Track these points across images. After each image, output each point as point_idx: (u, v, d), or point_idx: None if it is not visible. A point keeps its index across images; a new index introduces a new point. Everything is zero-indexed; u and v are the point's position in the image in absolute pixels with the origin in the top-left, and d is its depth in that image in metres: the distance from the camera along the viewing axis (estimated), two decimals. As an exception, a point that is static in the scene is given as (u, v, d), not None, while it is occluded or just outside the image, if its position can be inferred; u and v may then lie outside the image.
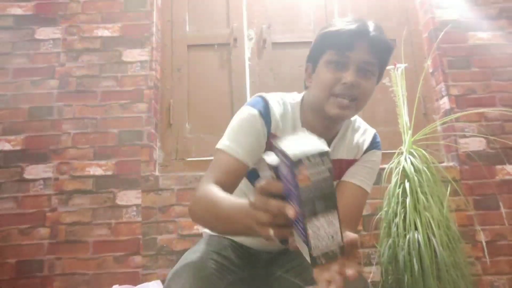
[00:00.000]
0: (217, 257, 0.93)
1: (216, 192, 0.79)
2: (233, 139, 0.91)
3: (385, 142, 2.00)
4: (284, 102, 0.97)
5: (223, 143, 0.91)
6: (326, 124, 0.95)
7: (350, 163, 1.01)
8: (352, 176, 0.99)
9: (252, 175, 0.99)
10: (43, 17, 2.06)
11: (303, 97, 1.00)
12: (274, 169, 0.53)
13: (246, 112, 0.93)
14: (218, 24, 2.22)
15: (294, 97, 1.00)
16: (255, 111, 0.92)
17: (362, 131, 1.03)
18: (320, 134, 0.95)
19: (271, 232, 0.51)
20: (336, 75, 0.87)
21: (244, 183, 1.01)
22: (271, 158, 0.53)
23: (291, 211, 0.49)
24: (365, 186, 0.99)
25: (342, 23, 0.88)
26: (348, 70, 0.86)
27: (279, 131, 0.95)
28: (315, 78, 0.92)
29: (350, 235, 0.57)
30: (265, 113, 0.93)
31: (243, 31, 2.21)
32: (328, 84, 0.87)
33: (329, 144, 0.98)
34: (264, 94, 0.98)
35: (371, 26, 0.87)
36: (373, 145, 1.03)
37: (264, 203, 0.52)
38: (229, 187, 0.85)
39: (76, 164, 1.88)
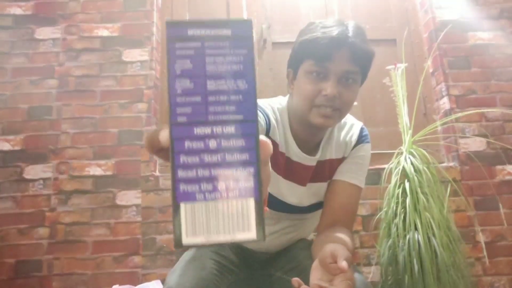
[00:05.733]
0: (216, 257, 0.93)
1: None
2: None
3: (385, 142, 2.01)
4: (273, 108, 0.96)
5: None
6: (311, 132, 0.94)
7: (340, 161, 1.00)
8: (343, 174, 0.98)
9: None
10: (42, 17, 2.06)
11: (287, 102, 0.99)
12: None
13: None
14: (218, 24, 2.22)
15: (281, 102, 0.99)
16: None
17: (349, 127, 1.02)
18: (308, 139, 0.96)
19: None
20: (316, 86, 0.85)
21: None
22: None
23: None
24: (357, 182, 0.97)
25: (321, 30, 0.85)
26: (329, 81, 0.84)
27: (275, 137, 0.93)
28: (296, 85, 0.90)
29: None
30: (264, 118, 0.91)
31: (243, 31, 2.20)
32: (309, 95, 0.86)
33: (317, 146, 0.98)
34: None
35: (351, 31, 0.84)
36: (360, 139, 1.01)
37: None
38: None
39: (75, 164, 1.88)
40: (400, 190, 1.55)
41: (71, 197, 1.84)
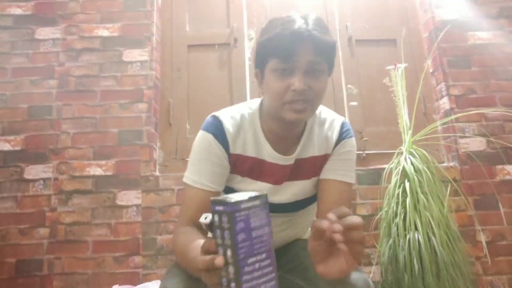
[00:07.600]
0: None
1: (186, 238, 0.80)
2: (194, 170, 0.92)
3: (385, 142, 2.01)
4: (241, 114, 0.95)
5: (187, 176, 0.93)
6: (287, 128, 0.93)
7: (323, 158, 0.98)
8: (330, 173, 0.97)
9: (229, 191, 0.98)
10: (42, 17, 2.06)
11: (261, 102, 0.98)
12: (209, 226, 0.57)
13: (201, 138, 0.94)
14: (218, 24, 2.22)
15: (251, 106, 0.98)
16: (209, 135, 0.92)
17: (329, 123, 1.00)
18: (285, 137, 0.95)
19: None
20: (284, 82, 0.85)
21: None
22: (205, 218, 0.59)
23: (218, 260, 0.53)
24: (347, 179, 0.97)
25: (280, 27, 0.85)
26: (295, 76, 0.84)
27: (239, 148, 0.93)
28: (265, 85, 0.90)
29: (351, 218, 0.58)
30: (220, 135, 0.91)
31: (243, 31, 2.21)
32: (279, 93, 0.85)
33: (297, 144, 0.97)
34: (217, 113, 0.95)
35: (310, 23, 0.85)
36: (342, 135, 0.99)
37: (202, 261, 0.56)
38: None
39: (75, 164, 1.88)
40: (400, 190, 1.56)
41: (71, 197, 1.84)
